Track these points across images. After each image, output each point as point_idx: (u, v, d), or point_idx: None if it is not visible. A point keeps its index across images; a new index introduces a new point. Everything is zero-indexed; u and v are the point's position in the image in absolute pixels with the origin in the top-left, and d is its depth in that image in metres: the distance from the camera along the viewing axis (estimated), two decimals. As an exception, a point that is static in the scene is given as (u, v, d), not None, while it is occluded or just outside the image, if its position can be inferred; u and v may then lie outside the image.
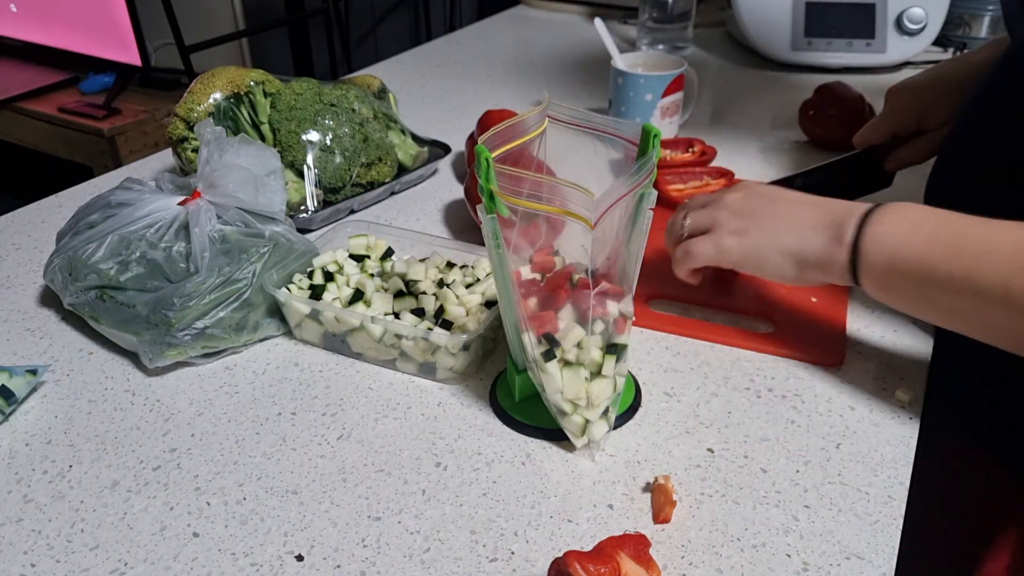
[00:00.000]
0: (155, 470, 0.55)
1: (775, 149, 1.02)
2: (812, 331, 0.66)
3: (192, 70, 2.14)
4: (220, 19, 2.60)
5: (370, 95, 0.92)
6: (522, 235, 0.52)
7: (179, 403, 0.61)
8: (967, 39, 1.38)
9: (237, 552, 0.49)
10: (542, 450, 0.56)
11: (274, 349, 0.67)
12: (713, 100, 1.19)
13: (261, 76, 0.87)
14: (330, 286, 0.67)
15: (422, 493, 0.53)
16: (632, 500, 0.52)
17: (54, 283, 0.68)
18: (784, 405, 0.60)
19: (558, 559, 0.44)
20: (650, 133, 0.51)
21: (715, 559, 0.48)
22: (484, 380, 0.63)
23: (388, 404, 0.61)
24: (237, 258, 0.65)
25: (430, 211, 0.88)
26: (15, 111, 2.22)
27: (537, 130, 0.55)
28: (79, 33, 2.24)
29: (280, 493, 0.53)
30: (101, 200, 0.72)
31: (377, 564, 0.48)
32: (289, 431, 0.58)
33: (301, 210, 0.83)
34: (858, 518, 0.51)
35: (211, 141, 0.68)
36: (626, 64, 1.01)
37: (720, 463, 0.55)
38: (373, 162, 0.87)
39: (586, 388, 0.53)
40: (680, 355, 0.65)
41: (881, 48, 1.25)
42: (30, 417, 0.60)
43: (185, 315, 0.62)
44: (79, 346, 0.68)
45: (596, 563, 0.43)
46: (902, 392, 0.60)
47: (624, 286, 0.53)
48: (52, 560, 0.49)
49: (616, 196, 0.49)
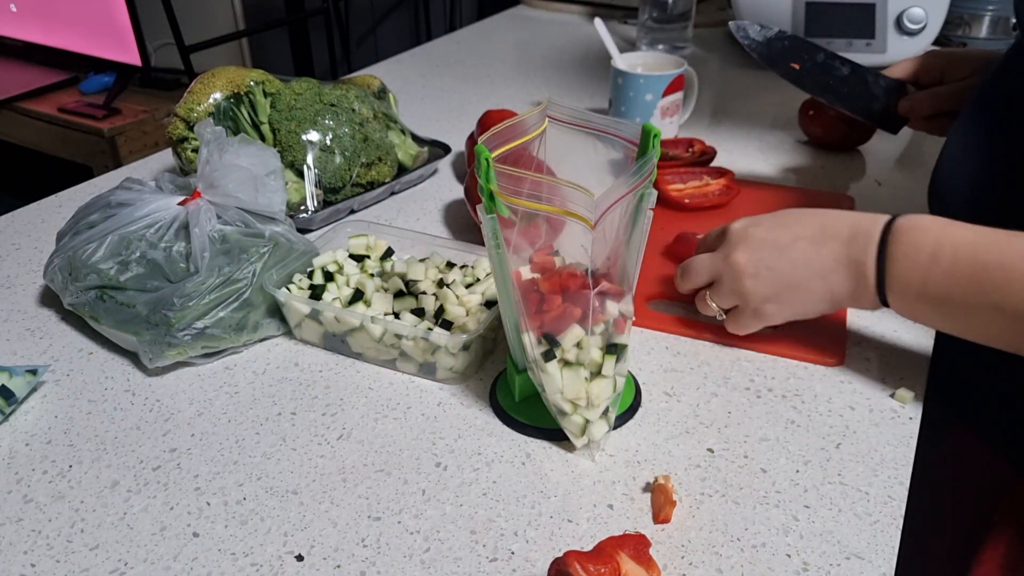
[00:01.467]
0: (155, 470, 0.55)
1: (775, 149, 1.02)
2: (812, 331, 0.66)
3: (192, 70, 2.14)
4: (220, 19, 2.61)
5: (370, 95, 0.92)
6: (522, 235, 0.52)
7: (179, 403, 0.61)
8: (967, 39, 1.38)
9: (237, 552, 0.49)
10: (542, 450, 0.56)
11: (274, 349, 0.67)
12: (713, 100, 1.19)
13: (261, 76, 0.87)
14: (330, 286, 0.67)
15: (422, 493, 0.53)
16: (632, 500, 0.52)
17: (54, 283, 0.68)
18: (784, 405, 0.60)
19: (558, 559, 0.44)
20: (650, 133, 0.51)
21: (715, 559, 0.48)
22: (484, 380, 0.63)
23: (388, 404, 0.61)
24: (237, 258, 0.65)
25: (430, 211, 0.88)
26: (15, 111, 2.22)
27: (537, 130, 0.55)
28: (79, 33, 2.24)
29: (280, 493, 0.53)
30: (101, 200, 0.72)
31: (377, 564, 0.48)
32: (289, 431, 0.58)
33: (301, 210, 0.83)
34: (858, 518, 0.51)
35: (211, 141, 0.68)
36: (626, 64, 1.01)
37: (720, 463, 0.55)
38: (373, 162, 0.87)
39: (586, 388, 0.53)
40: (680, 355, 0.65)
41: (881, 48, 1.25)
42: (30, 417, 0.60)
43: (185, 315, 0.62)
44: (79, 346, 0.68)
45: (596, 563, 0.43)
46: (902, 392, 0.60)
47: (624, 286, 0.53)
48: (52, 560, 0.49)
49: (616, 196, 0.49)
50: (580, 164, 0.56)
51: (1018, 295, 0.49)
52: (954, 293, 0.52)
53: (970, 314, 0.52)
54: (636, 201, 0.51)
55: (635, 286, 0.54)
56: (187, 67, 2.14)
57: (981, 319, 0.52)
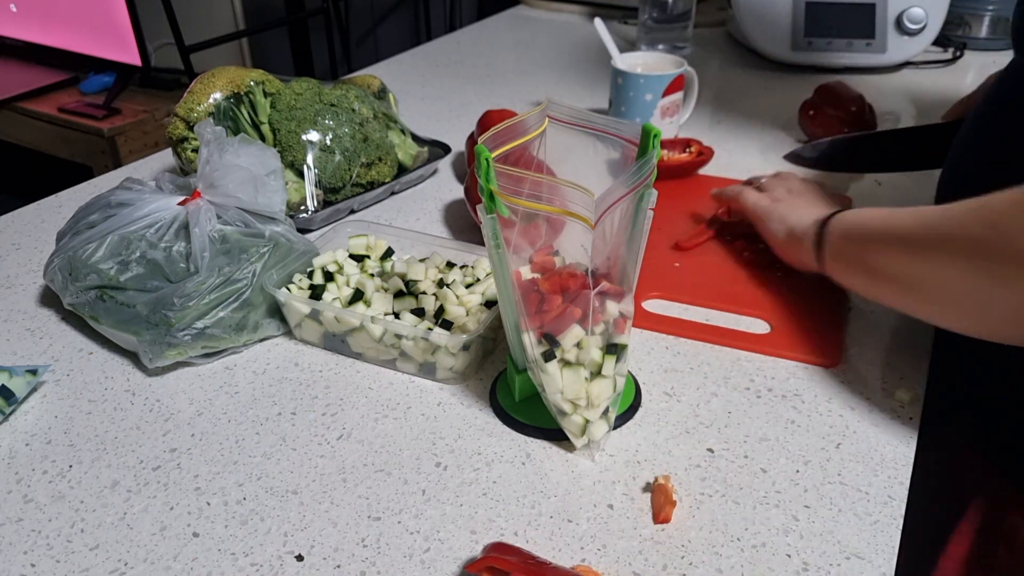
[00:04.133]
0: (155, 470, 0.55)
1: (775, 149, 1.02)
2: (808, 331, 0.66)
3: (192, 70, 2.14)
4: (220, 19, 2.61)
5: (370, 95, 0.92)
6: (522, 235, 0.52)
7: (179, 403, 0.61)
8: (967, 39, 1.38)
9: (237, 552, 0.49)
10: (542, 450, 0.56)
11: (274, 349, 0.67)
12: (713, 100, 1.19)
13: (261, 76, 0.87)
14: (330, 286, 0.67)
15: (422, 493, 0.53)
16: (632, 500, 0.52)
17: (54, 283, 0.68)
18: (784, 405, 0.60)
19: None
20: (650, 133, 0.51)
21: (715, 559, 0.48)
22: (484, 380, 0.63)
23: (388, 404, 0.61)
24: (237, 258, 0.65)
25: (430, 211, 0.88)
26: (15, 111, 2.22)
27: (537, 130, 0.55)
28: (79, 33, 2.24)
29: (280, 493, 0.53)
30: (101, 200, 0.72)
31: (377, 564, 0.48)
32: (289, 431, 0.58)
33: (301, 210, 0.83)
34: (858, 518, 0.51)
35: (211, 141, 0.68)
36: (626, 64, 1.01)
37: (720, 463, 0.55)
38: (373, 162, 0.87)
39: (586, 388, 0.53)
40: (680, 355, 0.65)
41: (881, 48, 1.25)
42: (30, 417, 0.60)
43: (185, 315, 0.62)
44: (79, 346, 0.68)
45: None
46: (902, 392, 0.60)
47: (624, 286, 0.53)
48: (52, 560, 0.49)
49: (616, 196, 0.49)
50: (580, 164, 0.56)
51: (954, 221, 0.51)
52: (888, 224, 0.57)
53: (898, 251, 0.56)
54: (636, 201, 0.51)
55: (635, 286, 0.54)
56: (187, 67, 2.13)
57: (908, 259, 0.55)
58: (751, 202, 0.76)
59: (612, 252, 0.52)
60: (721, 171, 0.95)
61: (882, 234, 0.58)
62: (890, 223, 0.57)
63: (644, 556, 0.48)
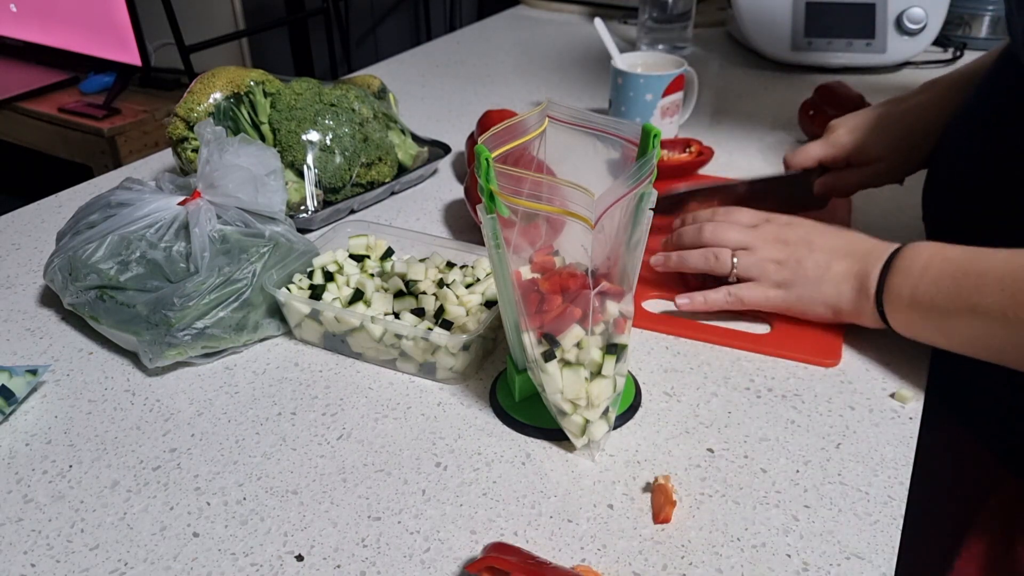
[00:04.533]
0: (155, 470, 0.55)
1: (775, 149, 1.02)
2: (808, 331, 0.66)
3: (192, 70, 2.14)
4: (220, 19, 2.60)
5: (370, 95, 0.92)
6: (522, 235, 0.52)
7: (179, 403, 0.61)
8: (967, 39, 1.38)
9: (237, 552, 0.49)
10: (542, 450, 0.56)
11: (274, 349, 0.67)
12: (713, 100, 1.19)
13: (261, 76, 0.87)
14: (330, 286, 0.67)
15: (422, 493, 0.53)
16: (632, 500, 0.52)
17: (54, 283, 0.68)
18: (784, 405, 0.60)
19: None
20: (650, 133, 0.51)
21: (715, 559, 0.48)
22: (484, 380, 0.63)
23: (388, 404, 0.61)
24: (237, 258, 0.65)
25: (430, 211, 0.88)
26: (15, 111, 2.22)
27: (537, 130, 0.55)
28: (79, 33, 2.24)
29: (280, 493, 0.53)
30: (101, 200, 0.72)
31: (377, 564, 0.48)
32: (289, 431, 0.58)
33: (301, 210, 0.83)
34: (858, 518, 0.51)
35: (211, 141, 0.68)
36: (626, 64, 1.01)
37: (720, 463, 0.55)
38: (373, 162, 0.87)
39: (586, 388, 0.53)
40: (680, 355, 0.65)
41: (881, 48, 1.25)
42: (30, 417, 0.60)
43: (185, 315, 0.62)
44: (79, 346, 0.68)
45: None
46: (902, 392, 0.60)
47: (624, 286, 0.53)
48: (52, 560, 0.49)
49: (616, 196, 0.49)
50: (580, 164, 0.56)
51: (990, 297, 0.53)
52: (937, 299, 0.56)
53: (952, 319, 0.56)
54: (636, 201, 0.51)
55: (635, 286, 0.54)
56: (187, 67, 2.14)
57: (962, 324, 0.55)
58: (758, 302, 0.65)
59: (612, 252, 0.52)
60: (721, 171, 0.95)
61: (951, 311, 0.55)
62: (957, 300, 0.54)
63: (644, 556, 0.48)
